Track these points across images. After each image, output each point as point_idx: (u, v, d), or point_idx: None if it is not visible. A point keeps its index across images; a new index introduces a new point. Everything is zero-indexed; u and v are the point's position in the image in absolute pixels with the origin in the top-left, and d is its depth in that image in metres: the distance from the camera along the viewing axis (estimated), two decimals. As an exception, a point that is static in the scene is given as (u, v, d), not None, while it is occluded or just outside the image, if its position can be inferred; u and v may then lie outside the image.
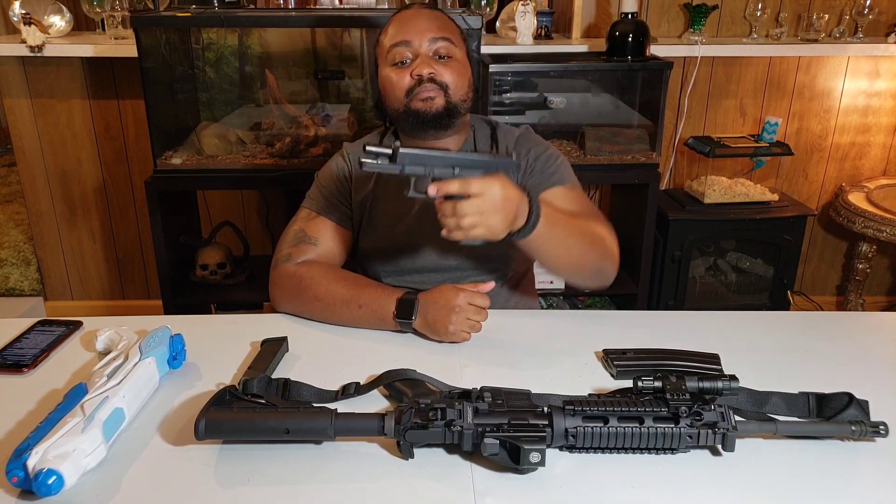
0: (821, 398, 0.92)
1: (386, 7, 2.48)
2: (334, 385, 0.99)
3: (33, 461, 0.75)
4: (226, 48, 2.27)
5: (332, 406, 0.88)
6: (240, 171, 2.14)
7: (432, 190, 0.96)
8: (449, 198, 0.98)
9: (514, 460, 0.80)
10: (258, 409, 0.86)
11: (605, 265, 1.20)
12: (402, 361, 1.05)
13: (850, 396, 0.89)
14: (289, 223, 1.33)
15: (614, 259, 1.22)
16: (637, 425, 0.83)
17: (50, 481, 0.74)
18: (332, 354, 1.10)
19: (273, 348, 1.05)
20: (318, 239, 1.28)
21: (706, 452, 0.87)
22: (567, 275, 1.17)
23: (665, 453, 0.85)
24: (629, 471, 0.83)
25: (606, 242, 1.19)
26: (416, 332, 1.14)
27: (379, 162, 0.95)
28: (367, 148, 0.96)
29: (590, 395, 0.88)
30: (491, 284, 1.15)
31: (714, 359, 1.04)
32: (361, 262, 1.38)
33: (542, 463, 0.79)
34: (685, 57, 2.55)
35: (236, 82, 2.31)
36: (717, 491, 0.80)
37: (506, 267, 1.32)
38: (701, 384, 0.86)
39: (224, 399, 0.88)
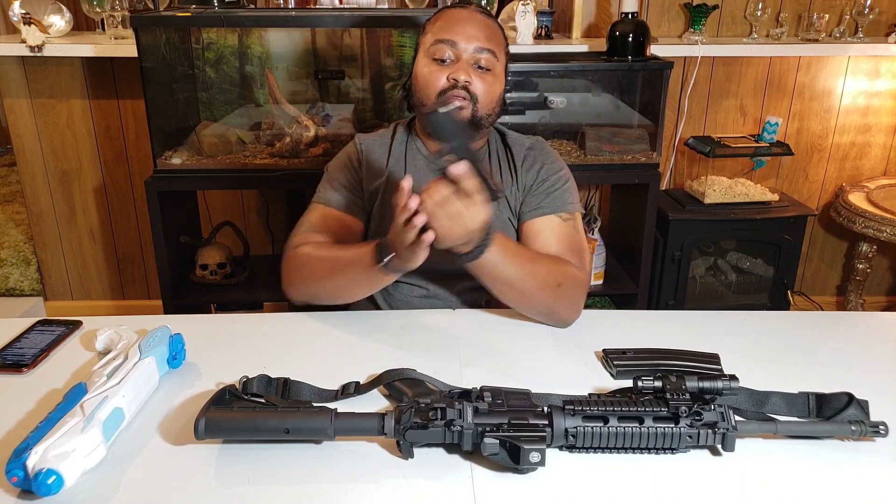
0: (821, 398, 0.92)
1: (386, 7, 2.48)
2: (334, 384, 0.99)
3: (33, 461, 0.75)
4: (226, 48, 2.27)
5: (331, 406, 0.88)
6: (240, 171, 2.14)
7: (461, 167, 0.96)
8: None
9: (513, 460, 0.80)
10: (258, 409, 0.86)
11: (559, 309, 1.17)
12: (402, 361, 1.05)
13: (850, 396, 0.89)
14: (300, 219, 1.33)
15: (572, 304, 1.18)
16: (637, 425, 0.83)
17: (49, 481, 0.74)
18: (332, 353, 1.10)
19: None
20: (323, 228, 1.29)
21: (706, 452, 0.87)
22: (513, 305, 1.17)
23: (665, 453, 0.85)
24: (629, 471, 0.83)
25: (565, 288, 1.16)
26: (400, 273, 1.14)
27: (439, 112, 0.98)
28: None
29: (590, 394, 0.88)
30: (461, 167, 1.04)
31: (714, 359, 1.04)
32: None
33: (541, 463, 0.79)
34: (685, 57, 2.55)
35: (236, 82, 2.31)
36: (717, 491, 0.80)
37: None
38: (701, 384, 0.86)
39: (224, 399, 0.88)
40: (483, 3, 2.47)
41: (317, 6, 2.48)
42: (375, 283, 1.17)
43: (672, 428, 0.83)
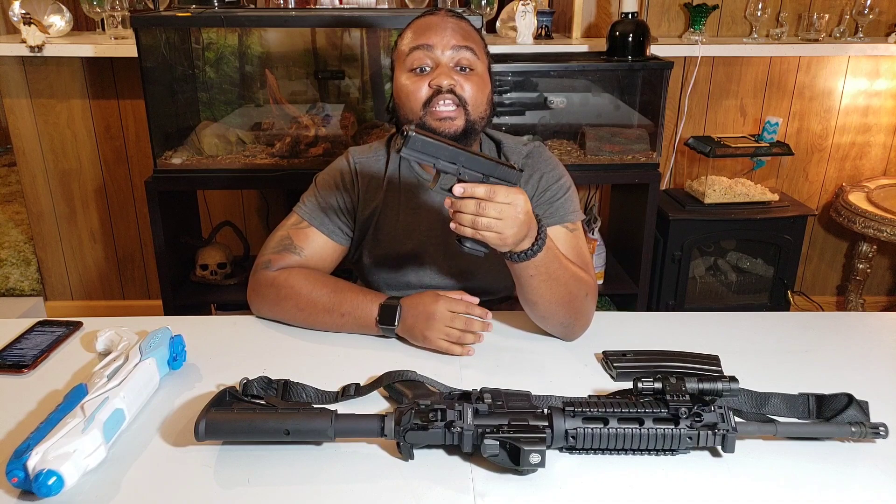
0: (821, 399, 0.92)
1: (386, 7, 2.48)
2: (334, 386, 0.99)
3: (33, 462, 0.76)
4: (226, 48, 2.27)
5: (332, 407, 0.88)
6: (240, 171, 2.14)
7: (458, 190, 0.95)
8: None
9: (514, 461, 0.80)
10: (258, 411, 0.86)
11: (580, 320, 1.14)
12: (402, 363, 1.05)
13: (850, 397, 0.90)
14: (278, 225, 1.29)
15: (588, 319, 1.16)
16: (637, 426, 0.83)
17: (50, 482, 0.74)
18: (332, 355, 1.10)
19: None
20: (303, 249, 1.24)
21: (706, 453, 0.87)
22: (541, 313, 1.12)
23: (665, 454, 0.85)
24: (629, 472, 0.83)
25: (589, 299, 1.15)
26: (399, 338, 1.14)
27: (405, 150, 0.95)
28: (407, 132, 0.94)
29: (590, 396, 0.88)
30: (476, 300, 1.11)
31: (714, 360, 1.04)
32: (364, 274, 1.34)
33: (541, 464, 0.79)
34: (685, 57, 2.55)
35: (236, 82, 2.31)
36: (717, 492, 0.80)
37: (511, 287, 1.31)
38: (701, 385, 0.86)
39: (224, 400, 0.88)
40: (483, 2, 2.47)
41: (317, 6, 2.48)
42: (364, 333, 1.16)
43: (672, 429, 0.83)
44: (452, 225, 0.98)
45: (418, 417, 0.83)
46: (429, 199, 1.28)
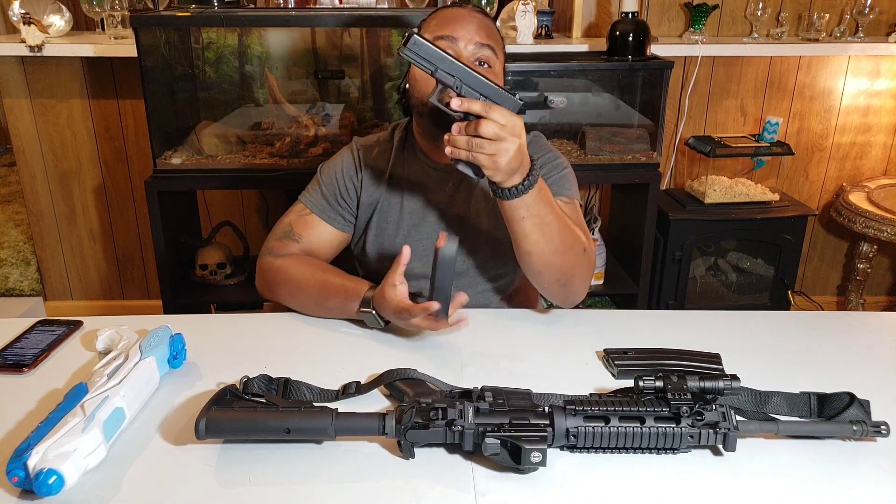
0: (822, 398, 0.92)
1: (386, 7, 2.48)
2: (335, 384, 0.98)
3: (34, 461, 0.75)
4: (226, 48, 2.26)
5: (332, 405, 0.88)
6: (240, 171, 2.14)
7: (455, 103, 0.96)
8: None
9: (515, 460, 0.80)
10: (259, 409, 0.86)
11: (577, 278, 1.14)
12: (403, 361, 1.05)
13: (852, 396, 0.89)
14: (284, 214, 1.33)
15: (587, 277, 1.16)
16: (638, 425, 0.83)
17: (50, 481, 0.74)
18: (332, 354, 1.10)
19: None
20: (302, 237, 1.28)
21: (707, 452, 0.86)
22: (537, 266, 1.11)
23: (666, 453, 0.85)
24: (630, 471, 0.83)
25: (587, 256, 1.14)
26: (395, 331, 1.15)
27: (404, 50, 0.96)
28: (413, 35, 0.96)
29: (591, 394, 0.88)
30: (436, 305, 1.05)
31: (715, 358, 1.04)
32: (367, 264, 1.35)
33: (543, 463, 0.79)
34: (686, 56, 2.55)
35: (236, 82, 2.31)
36: (719, 491, 0.80)
37: (512, 273, 1.32)
38: (702, 384, 0.86)
39: (224, 398, 0.87)
40: (483, 2, 2.47)
41: (317, 6, 2.48)
42: (354, 318, 1.17)
43: (673, 428, 0.83)
44: (448, 149, 0.99)
45: (419, 416, 0.83)
46: (432, 189, 1.29)
